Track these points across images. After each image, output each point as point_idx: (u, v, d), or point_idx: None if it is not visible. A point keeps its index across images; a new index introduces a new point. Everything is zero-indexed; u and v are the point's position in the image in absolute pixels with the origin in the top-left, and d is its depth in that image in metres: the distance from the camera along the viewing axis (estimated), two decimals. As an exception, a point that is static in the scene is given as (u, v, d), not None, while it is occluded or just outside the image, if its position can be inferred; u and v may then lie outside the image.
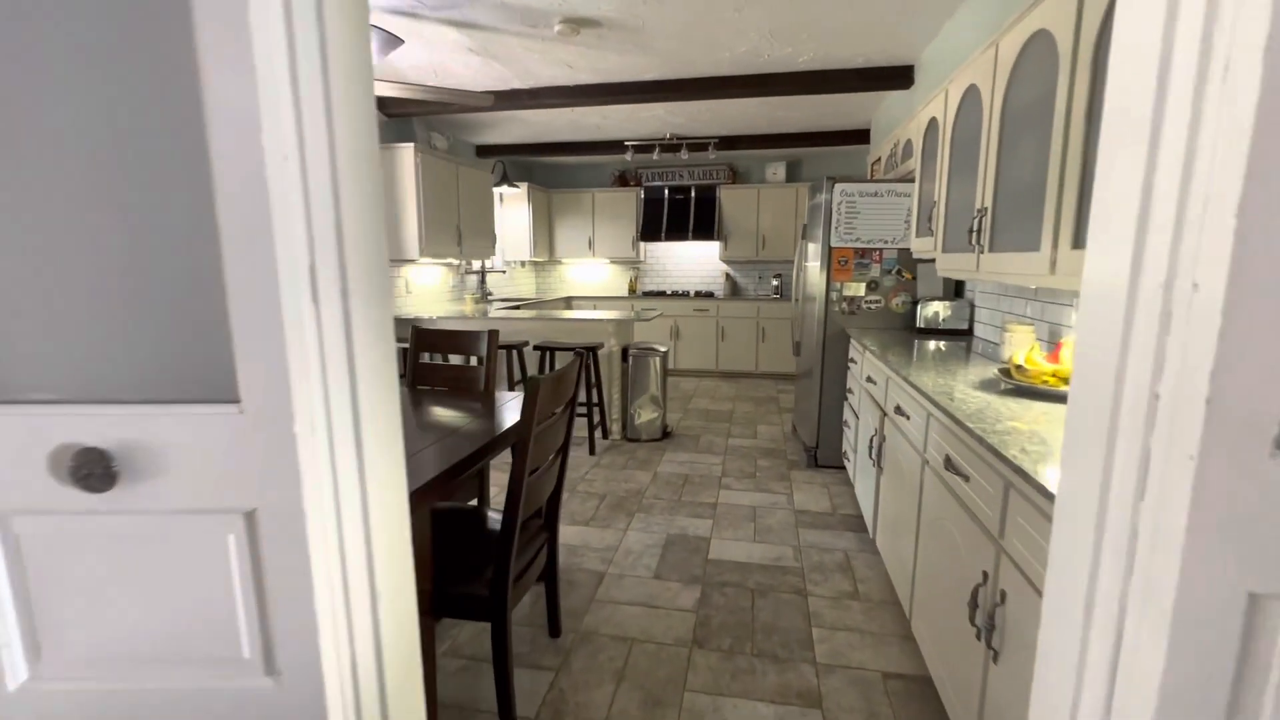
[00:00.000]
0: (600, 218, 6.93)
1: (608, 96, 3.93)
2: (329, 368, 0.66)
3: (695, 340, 6.65)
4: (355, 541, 0.74)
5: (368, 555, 0.76)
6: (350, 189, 0.72)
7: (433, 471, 1.51)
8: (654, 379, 4.24)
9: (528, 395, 1.47)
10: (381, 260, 0.77)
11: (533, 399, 1.47)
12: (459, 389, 2.55)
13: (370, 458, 0.74)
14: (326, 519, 0.70)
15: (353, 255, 0.71)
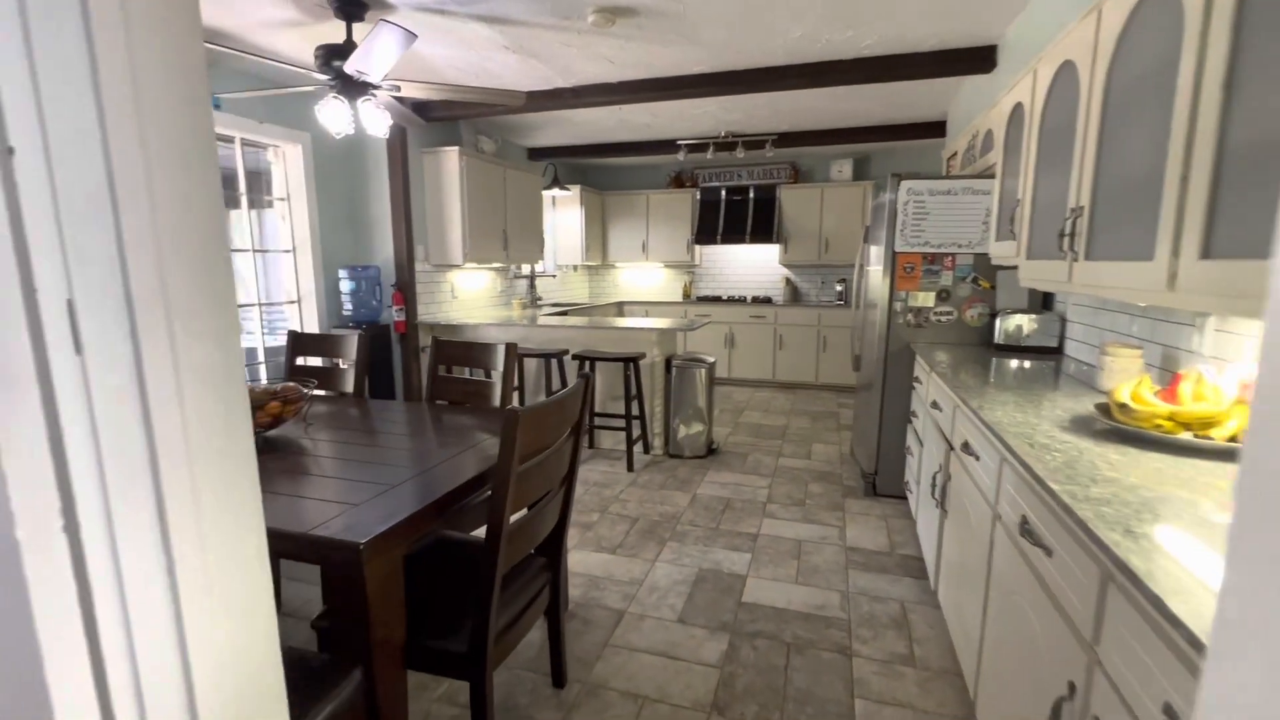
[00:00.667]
0: (654, 220, 6.72)
1: (654, 92, 3.71)
2: (101, 443, 0.48)
3: (751, 348, 6.32)
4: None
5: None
6: (164, 188, 0.53)
7: (406, 510, 1.34)
8: (699, 391, 3.98)
9: (505, 431, 1.27)
10: (219, 286, 0.59)
11: (510, 437, 1.27)
12: (478, 404, 2.40)
13: (190, 576, 0.56)
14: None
15: (160, 280, 0.52)
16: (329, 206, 4.11)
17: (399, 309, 4.23)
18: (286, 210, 3.97)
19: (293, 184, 3.94)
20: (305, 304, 4.07)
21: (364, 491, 1.46)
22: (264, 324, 4.00)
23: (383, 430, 2.02)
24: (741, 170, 6.57)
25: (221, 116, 3.39)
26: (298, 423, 2.11)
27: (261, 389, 1.89)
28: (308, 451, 1.79)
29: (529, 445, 1.36)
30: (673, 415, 4.03)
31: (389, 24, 2.04)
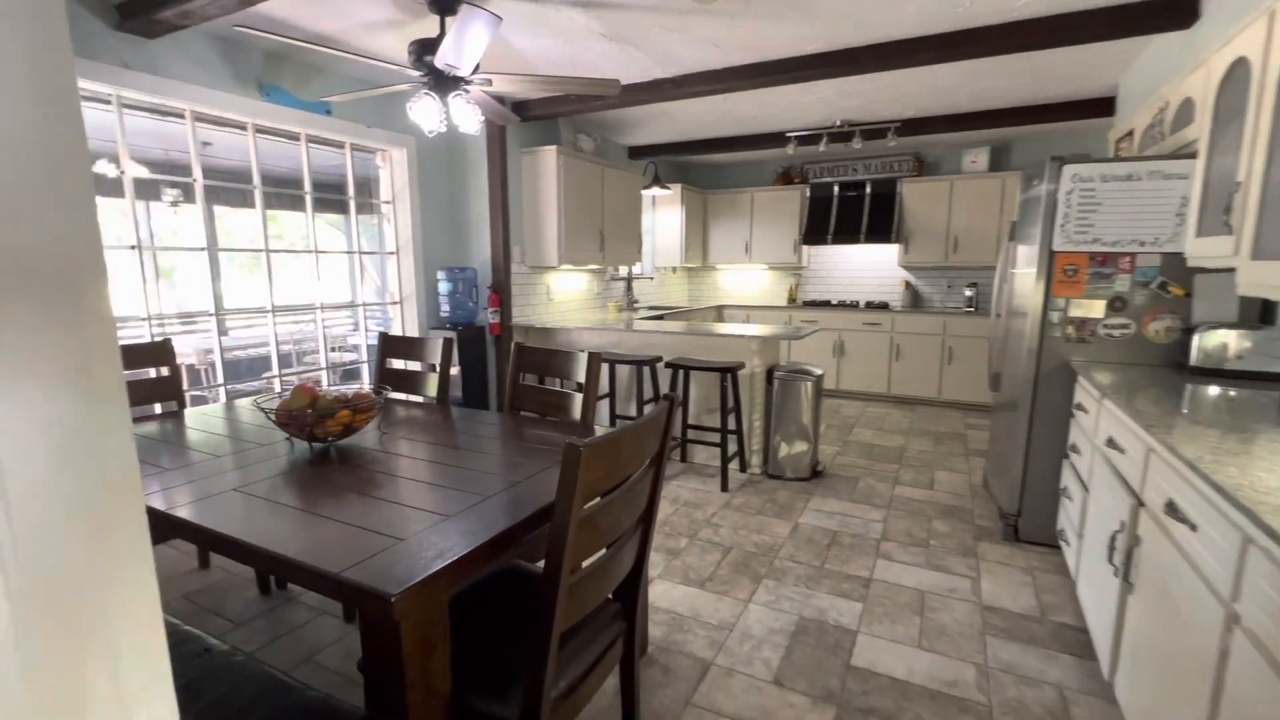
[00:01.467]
0: (759, 219, 6.34)
1: (763, 78, 3.38)
2: None
3: (863, 358, 5.77)
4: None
5: None
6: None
7: (454, 552, 1.15)
8: (804, 406, 3.60)
9: (565, 468, 1.04)
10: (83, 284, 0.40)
11: (570, 475, 1.04)
12: (560, 417, 2.22)
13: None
14: None
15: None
16: (431, 209, 4.15)
17: (494, 311, 4.20)
18: (391, 213, 4.05)
19: (397, 187, 4.01)
20: (406, 305, 4.14)
21: (416, 521, 1.30)
22: (367, 325, 4.11)
23: (455, 444, 1.88)
24: (857, 163, 6.03)
25: (331, 122, 3.48)
26: (374, 430, 2.03)
27: (333, 396, 1.80)
28: (371, 466, 1.68)
29: (595, 484, 1.12)
30: (773, 431, 3.67)
31: (473, 7, 1.90)
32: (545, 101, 4.04)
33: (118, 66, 2.59)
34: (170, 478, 1.58)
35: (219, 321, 3.22)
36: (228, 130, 3.19)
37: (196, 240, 3.16)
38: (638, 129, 5.00)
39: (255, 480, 1.56)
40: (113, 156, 4.88)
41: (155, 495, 1.46)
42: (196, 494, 1.46)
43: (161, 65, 2.74)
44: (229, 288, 3.43)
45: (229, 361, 5.63)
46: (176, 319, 3.17)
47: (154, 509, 1.39)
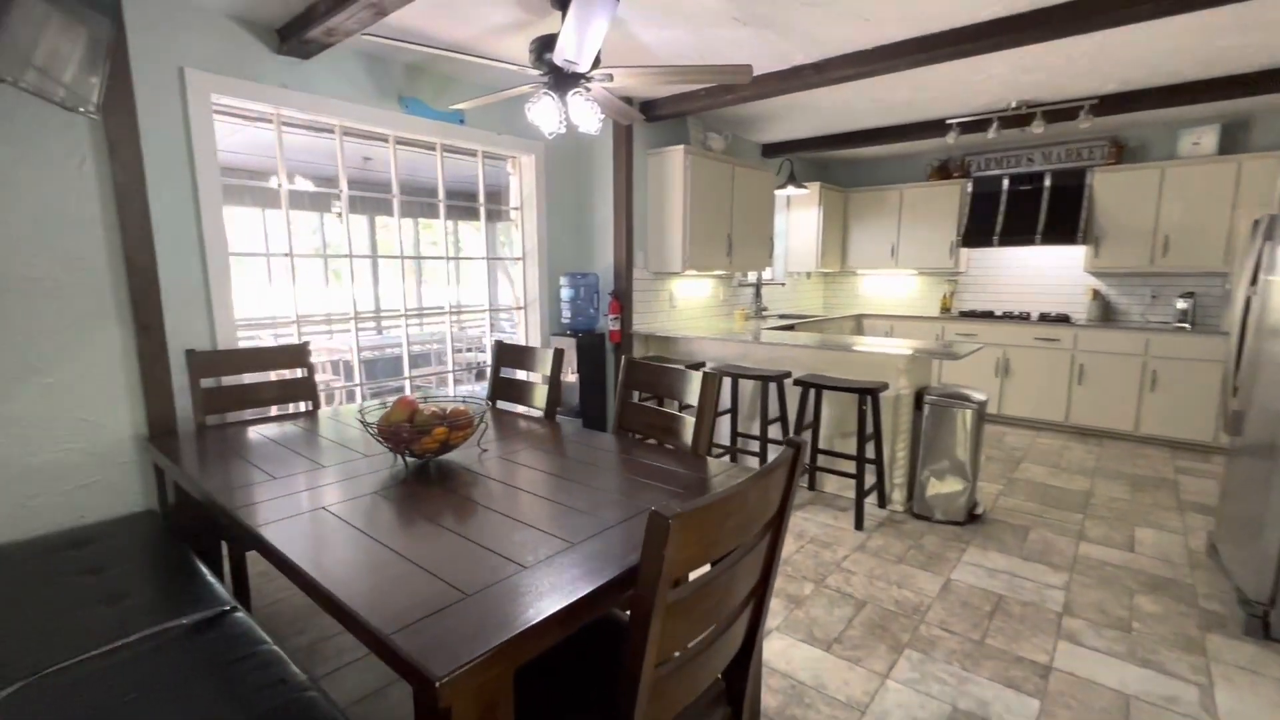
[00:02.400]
0: (909, 220, 5.68)
1: (923, 54, 2.91)
2: None
3: (1034, 379, 4.93)
4: None
5: None
6: None
7: (519, 623, 0.96)
8: (961, 438, 3.06)
9: (649, 542, 0.80)
10: None
11: (656, 553, 0.79)
12: (672, 442, 1.99)
13: None
14: None
15: None
16: (557, 214, 4.13)
17: (614, 318, 4.08)
18: (519, 219, 4.08)
19: (525, 193, 4.03)
20: (530, 311, 4.15)
21: (490, 569, 1.13)
22: (502, 328, 4.18)
23: (551, 470, 1.71)
24: (1034, 152, 5.17)
25: (465, 131, 3.55)
26: (475, 446, 1.93)
27: (430, 412, 1.72)
28: (460, 490, 1.55)
29: (690, 560, 0.87)
30: (921, 464, 3.16)
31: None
32: (674, 99, 3.84)
33: (277, 87, 2.78)
34: (271, 489, 1.56)
35: (354, 324, 3.39)
36: (377, 144, 3.35)
37: (360, 248, 3.34)
38: (773, 124, 4.65)
39: (346, 499, 1.49)
40: (291, 172, 5.44)
41: (251, 507, 1.44)
42: (285, 511, 1.42)
43: (315, 84, 2.91)
44: (386, 290, 3.63)
45: (385, 360, 6.12)
46: (320, 321, 3.38)
47: (242, 523, 1.36)
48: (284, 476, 1.65)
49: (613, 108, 2.87)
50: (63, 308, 2.00)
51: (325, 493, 1.54)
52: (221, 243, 2.63)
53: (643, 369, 2.12)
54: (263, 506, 1.44)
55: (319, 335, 5.60)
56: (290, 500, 1.48)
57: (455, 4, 2.53)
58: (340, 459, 1.81)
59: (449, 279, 3.81)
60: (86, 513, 2.08)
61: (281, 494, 1.53)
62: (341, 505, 1.45)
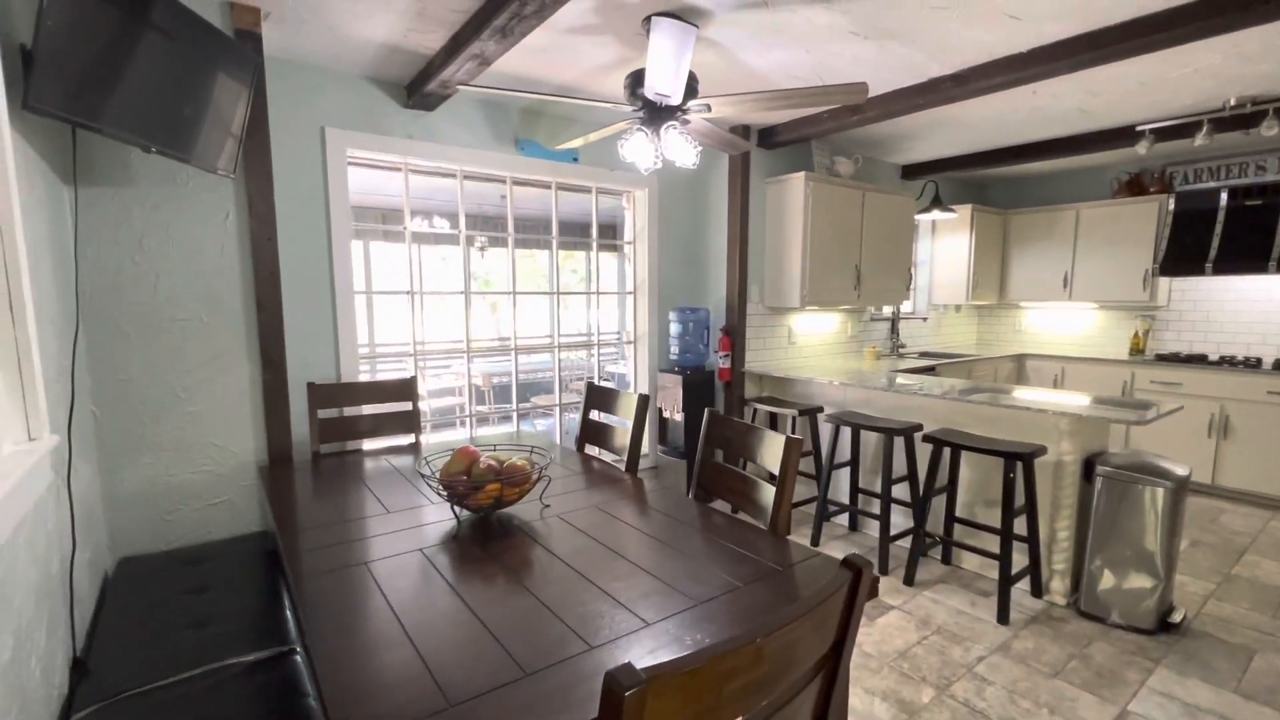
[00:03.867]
0: (1087, 244, 4.82)
1: (1094, 52, 2.41)
2: None
3: (1266, 443, 3.88)
4: None
5: None
6: None
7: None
8: (1151, 523, 2.42)
9: (602, 716, 0.61)
10: None
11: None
12: (751, 513, 1.76)
13: None
14: None
15: None
16: (670, 247, 4.03)
17: (724, 355, 3.86)
18: (632, 253, 4.04)
19: (638, 227, 3.98)
20: (639, 345, 4.07)
21: (503, 668, 1.00)
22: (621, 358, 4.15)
23: (607, 541, 1.56)
24: (1267, 158, 4.15)
25: (578, 169, 3.59)
26: (539, 500, 1.84)
27: (486, 465, 1.65)
28: (512, 554, 1.45)
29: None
30: (1091, 551, 2.56)
31: (661, 18, 1.61)
32: (794, 124, 3.60)
33: (404, 138, 2.99)
34: (335, 533, 1.58)
35: (467, 355, 3.51)
36: (493, 183, 3.51)
37: (501, 280, 3.48)
38: (913, 143, 4.19)
39: (396, 553, 1.46)
40: (427, 213, 5.93)
41: (310, 553, 1.45)
42: (332, 562, 1.41)
43: (438, 132, 3.09)
44: (529, 319, 3.75)
45: (524, 384, 6.42)
46: (442, 351, 3.56)
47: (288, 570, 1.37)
48: (349, 520, 1.67)
49: (717, 138, 2.72)
50: (204, 345, 2.25)
51: (376, 545, 1.52)
52: (348, 281, 2.86)
53: (723, 424, 1.91)
54: (319, 554, 1.45)
55: (439, 364, 5.97)
56: (341, 550, 1.48)
57: (555, 48, 2.54)
58: (409, 505, 1.80)
59: (581, 308, 3.86)
60: (213, 529, 2.31)
61: (338, 541, 1.53)
62: (385, 563, 1.41)
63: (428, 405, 5.90)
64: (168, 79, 1.74)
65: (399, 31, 2.38)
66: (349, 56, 2.62)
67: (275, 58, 2.58)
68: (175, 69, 1.75)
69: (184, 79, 1.84)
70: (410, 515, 1.71)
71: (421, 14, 2.22)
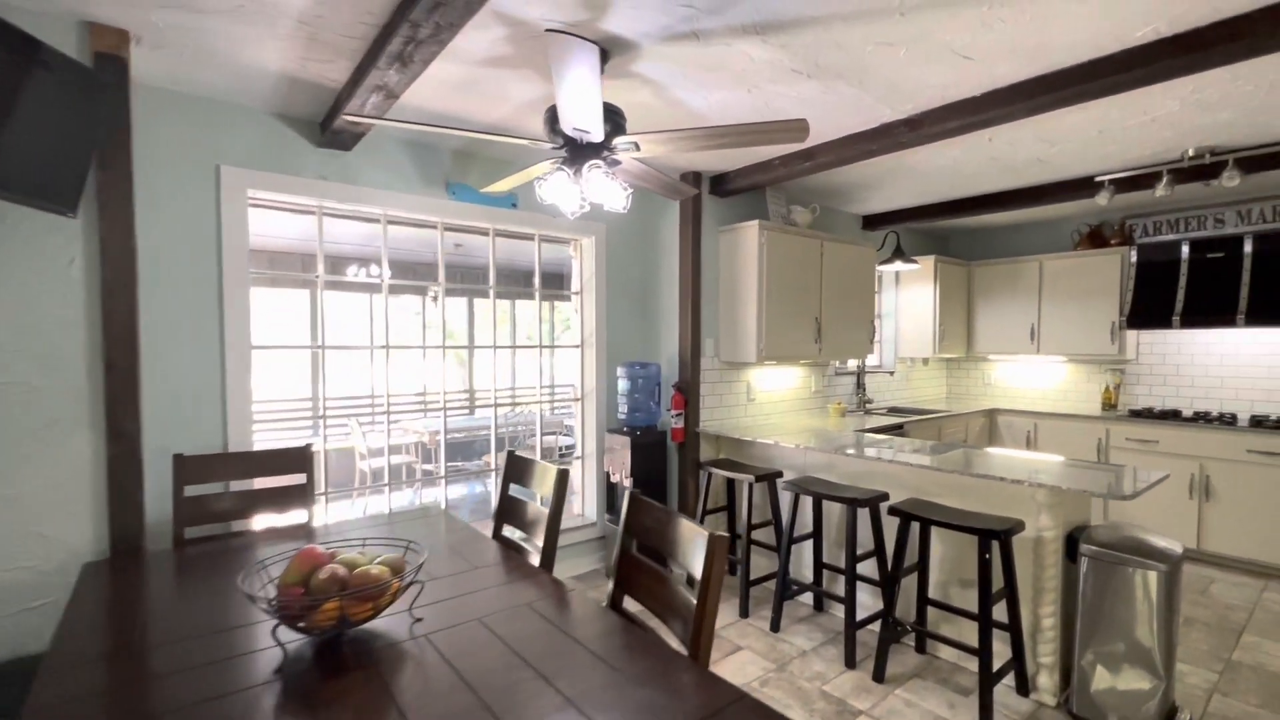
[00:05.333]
0: (1052, 296, 4.71)
1: (1049, 95, 2.26)
2: None
3: (1251, 506, 3.66)
4: None
5: None
6: None
7: None
8: (1143, 611, 2.13)
9: None
10: None
11: None
12: (671, 626, 1.42)
13: None
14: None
15: None
16: (620, 298, 3.78)
17: (677, 414, 3.56)
18: (579, 304, 3.78)
19: (585, 276, 3.74)
20: (588, 403, 3.76)
21: None
22: (548, 424, 3.82)
23: (484, 676, 1.20)
24: (1225, 210, 4.09)
25: (517, 214, 3.35)
26: (408, 612, 1.48)
27: (329, 574, 1.29)
28: (346, 698, 1.08)
29: None
30: (1081, 643, 2.24)
31: (556, 34, 1.37)
32: (746, 171, 3.43)
33: (316, 179, 2.72)
34: (116, 671, 1.19)
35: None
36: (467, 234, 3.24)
37: (459, 330, 3.17)
38: (872, 192, 4.06)
39: (200, 698, 1.08)
40: (365, 260, 5.62)
41: (68, 707, 1.07)
42: None
43: (358, 174, 2.83)
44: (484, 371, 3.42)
45: (471, 443, 6.01)
46: (336, 410, 3.20)
47: None
48: (141, 652, 1.29)
49: (656, 182, 2.50)
50: (31, 413, 1.89)
51: (172, 688, 1.14)
52: (243, 335, 2.52)
53: (642, 509, 1.58)
54: (68, 710, 1.07)
55: (390, 419, 5.56)
56: (111, 701, 1.10)
57: (477, 83, 2.32)
58: (232, 623, 1.42)
59: (545, 359, 3.55)
60: (31, 640, 1.88)
61: (99, 691, 1.15)
62: (174, 717, 1.04)
63: (366, 465, 5.46)
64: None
65: (294, 60, 2.14)
66: (248, 89, 2.37)
67: (163, 88, 2.32)
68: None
69: (5, 103, 1.55)
70: (245, 636, 1.34)
71: (313, 40, 1.99)
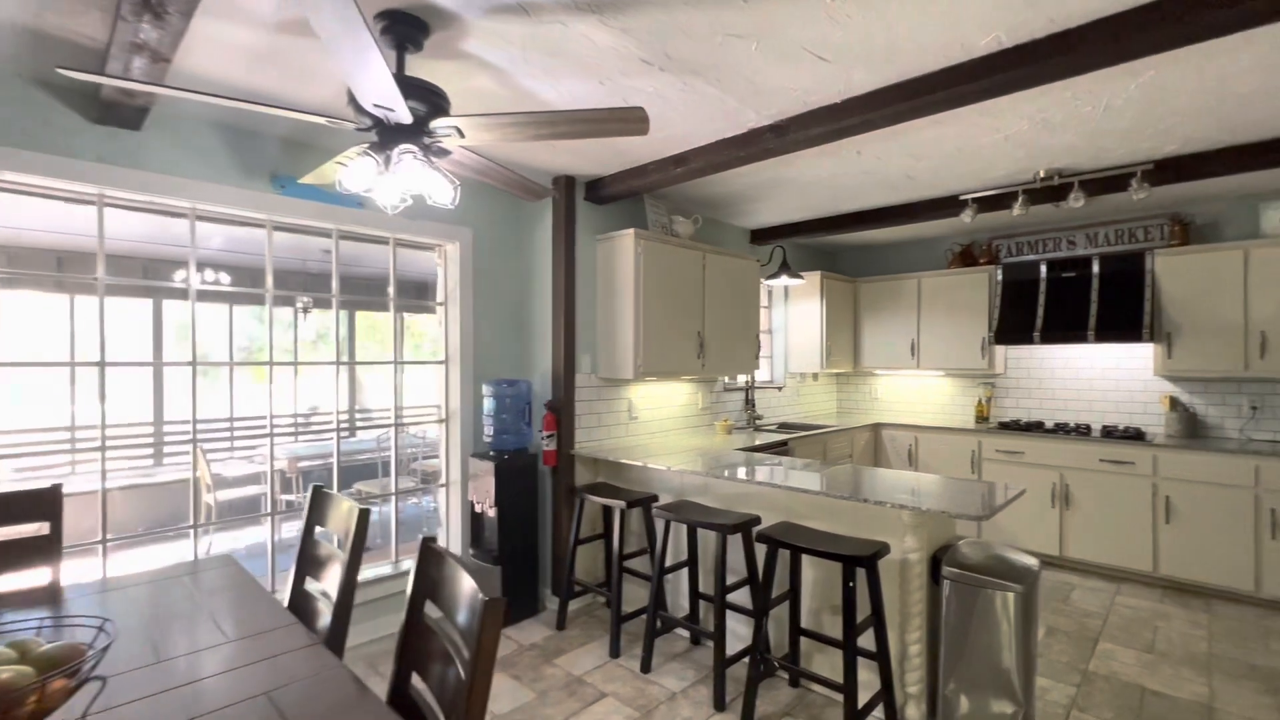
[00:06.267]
0: (930, 313, 4.84)
1: (905, 104, 2.21)
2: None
3: (1105, 513, 3.83)
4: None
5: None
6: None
7: None
8: (1005, 633, 2.06)
9: None
10: None
11: None
12: (445, 709, 1.13)
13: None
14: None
15: None
16: (490, 311, 3.48)
17: (549, 435, 3.29)
18: (443, 316, 3.44)
19: (450, 286, 3.41)
20: (452, 424, 3.41)
21: None
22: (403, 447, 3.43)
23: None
24: (1076, 233, 4.35)
25: (367, 215, 2.99)
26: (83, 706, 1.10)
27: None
28: None
29: None
30: (945, 671, 2.15)
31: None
32: (620, 177, 3.24)
33: (92, 162, 2.26)
34: None
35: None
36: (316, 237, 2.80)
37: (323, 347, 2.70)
38: (755, 205, 4.00)
39: None
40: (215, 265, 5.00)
41: None
42: None
43: (152, 158, 2.39)
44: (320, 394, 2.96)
45: (306, 470, 5.41)
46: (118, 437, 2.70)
47: None
48: None
49: (500, 178, 2.24)
50: None
51: None
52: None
53: (434, 561, 1.29)
54: None
55: (244, 447, 4.96)
56: None
57: (280, 54, 1.99)
58: None
59: (429, 377, 3.13)
60: None
61: None
62: None
63: (213, 498, 4.78)
64: None
65: (29, 9, 1.72)
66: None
67: None
68: None
69: None
70: None
71: (38, -21, 1.59)
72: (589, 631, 3.10)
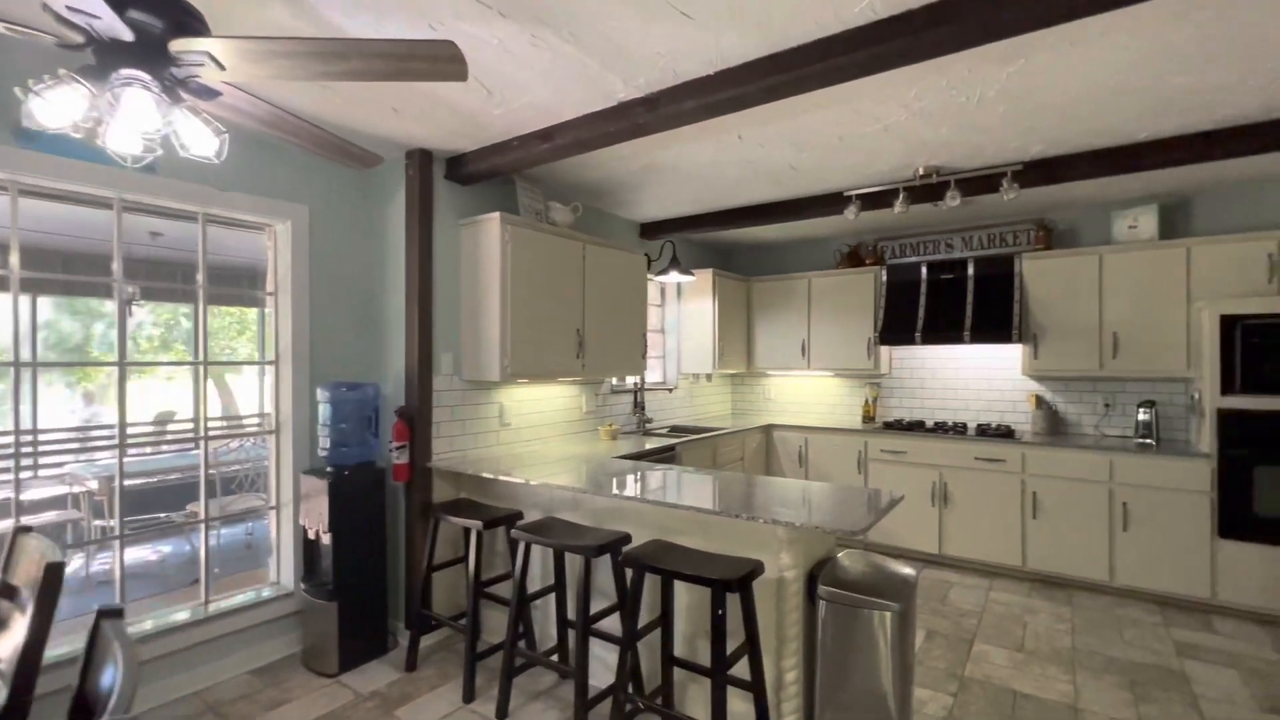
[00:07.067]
0: (820, 314, 4.81)
1: (779, 76, 2.01)
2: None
3: (979, 510, 3.90)
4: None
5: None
6: None
7: None
8: (883, 654, 1.90)
9: None
10: None
11: None
12: None
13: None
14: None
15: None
16: (333, 303, 2.99)
17: (399, 446, 2.86)
18: (273, 307, 2.92)
19: (281, 273, 2.90)
20: (284, 436, 2.89)
21: None
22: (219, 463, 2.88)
23: None
24: (954, 236, 4.45)
25: (160, 182, 2.44)
26: None
27: None
28: None
29: None
30: (821, 700, 1.96)
31: None
32: (485, 152, 2.87)
33: None
34: None
35: None
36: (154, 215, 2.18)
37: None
38: (639, 194, 3.75)
39: None
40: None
41: None
42: None
43: None
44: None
45: (132, 490, 4.61)
46: None
47: None
48: None
49: (298, 132, 1.81)
50: None
51: None
52: None
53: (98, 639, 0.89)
54: None
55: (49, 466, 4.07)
56: None
57: (-30, -56, 1.47)
58: None
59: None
60: None
61: None
62: None
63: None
64: None
65: None
66: None
67: None
68: None
69: None
70: None
71: None
72: (444, 670, 2.71)
